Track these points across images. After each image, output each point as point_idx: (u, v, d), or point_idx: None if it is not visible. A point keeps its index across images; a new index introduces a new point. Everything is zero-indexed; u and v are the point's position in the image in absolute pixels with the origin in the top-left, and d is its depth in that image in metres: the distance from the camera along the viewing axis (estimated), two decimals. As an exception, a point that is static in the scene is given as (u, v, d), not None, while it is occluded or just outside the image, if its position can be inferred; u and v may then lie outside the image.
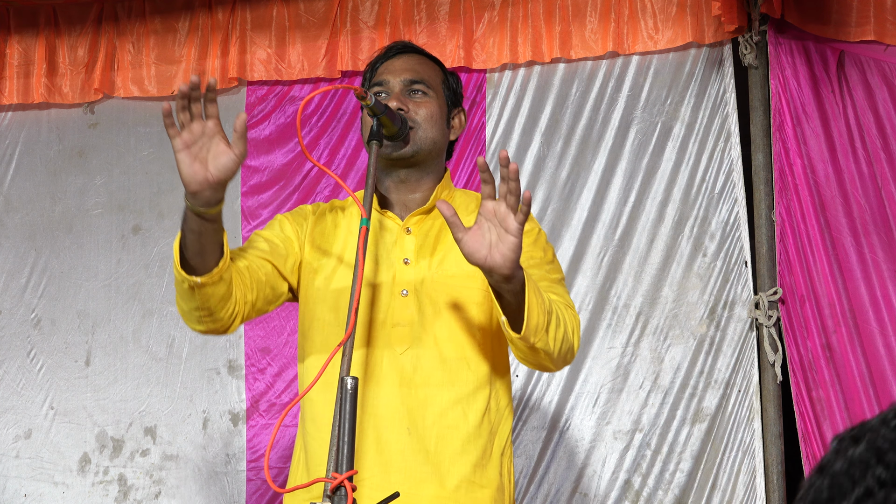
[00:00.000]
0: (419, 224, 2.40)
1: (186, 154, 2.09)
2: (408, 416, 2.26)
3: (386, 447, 2.25)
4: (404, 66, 2.45)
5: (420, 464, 2.25)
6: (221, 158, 2.09)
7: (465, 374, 2.31)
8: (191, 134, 2.09)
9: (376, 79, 2.44)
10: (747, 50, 3.61)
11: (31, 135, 4.16)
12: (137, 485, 3.88)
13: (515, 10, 3.80)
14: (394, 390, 2.27)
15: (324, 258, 2.39)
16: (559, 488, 3.60)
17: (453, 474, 2.27)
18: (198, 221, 2.12)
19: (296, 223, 2.43)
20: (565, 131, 3.77)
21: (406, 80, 2.42)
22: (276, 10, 3.98)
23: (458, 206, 2.44)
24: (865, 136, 3.47)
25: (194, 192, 2.10)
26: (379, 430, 2.26)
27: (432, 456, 2.26)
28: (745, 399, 3.55)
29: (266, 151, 3.96)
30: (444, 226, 2.38)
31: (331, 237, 2.41)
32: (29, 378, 4.00)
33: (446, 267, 2.35)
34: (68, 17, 4.11)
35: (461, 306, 2.30)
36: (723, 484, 3.53)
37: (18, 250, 4.09)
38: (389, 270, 2.34)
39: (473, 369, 2.31)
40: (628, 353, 3.63)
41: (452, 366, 2.30)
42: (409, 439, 2.25)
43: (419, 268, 2.35)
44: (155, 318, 3.95)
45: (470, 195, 2.51)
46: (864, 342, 3.41)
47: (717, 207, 3.65)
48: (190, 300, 2.20)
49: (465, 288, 2.33)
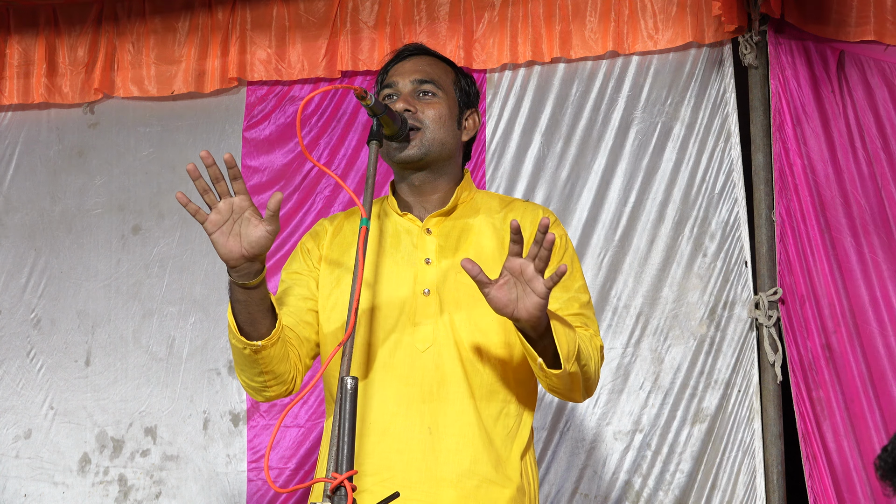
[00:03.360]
0: (439, 225, 2.41)
1: (220, 234, 2.12)
2: (430, 415, 2.27)
3: (408, 446, 2.26)
4: (414, 67, 2.45)
5: (442, 463, 2.26)
6: (254, 234, 2.13)
7: (483, 375, 2.31)
8: (220, 214, 2.12)
9: (387, 81, 2.45)
10: (747, 50, 3.61)
11: (31, 135, 4.16)
12: (137, 485, 3.88)
13: (515, 10, 3.80)
14: (416, 389, 2.28)
15: (338, 270, 2.41)
16: (560, 489, 3.59)
17: (474, 473, 2.27)
18: (243, 293, 2.17)
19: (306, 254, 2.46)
20: (565, 131, 3.77)
21: (415, 81, 2.42)
22: (276, 10, 3.98)
23: (480, 206, 2.46)
24: (865, 136, 3.47)
25: (234, 267, 2.14)
26: (400, 428, 2.27)
27: (453, 455, 2.26)
28: (745, 399, 3.55)
29: (266, 151, 3.96)
30: (465, 227, 2.40)
31: (348, 247, 2.43)
32: (29, 378, 4.00)
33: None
34: (68, 17, 4.11)
35: (482, 308, 2.30)
36: (723, 484, 3.53)
37: (18, 250, 4.09)
38: (411, 270, 2.35)
39: (490, 371, 2.32)
40: (628, 353, 3.63)
41: (472, 367, 2.31)
42: (431, 438, 2.26)
43: (441, 267, 2.35)
44: (155, 318, 3.95)
45: (493, 196, 2.51)
46: (864, 342, 3.41)
47: (717, 207, 3.65)
48: (253, 366, 2.25)
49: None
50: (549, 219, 2.10)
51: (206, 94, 4.03)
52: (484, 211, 2.44)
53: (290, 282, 2.42)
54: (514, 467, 2.32)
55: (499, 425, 2.32)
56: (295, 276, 2.43)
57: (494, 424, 2.31)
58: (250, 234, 2.12)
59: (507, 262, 2.14)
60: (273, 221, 2.13)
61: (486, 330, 2.33)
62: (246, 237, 2.12)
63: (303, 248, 2.47)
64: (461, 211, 2.44)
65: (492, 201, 2.48)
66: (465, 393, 2.29)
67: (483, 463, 2.28)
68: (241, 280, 2.16)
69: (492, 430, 2.31)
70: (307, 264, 2.43)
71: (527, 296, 2.13)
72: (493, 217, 2.42)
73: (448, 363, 2.29)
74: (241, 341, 2.20)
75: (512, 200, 2.51)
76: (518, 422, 2.35)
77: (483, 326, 2.33)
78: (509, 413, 2.34)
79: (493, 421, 2.31)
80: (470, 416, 2.28)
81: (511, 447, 2.33)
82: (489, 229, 2.41)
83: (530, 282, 2.12)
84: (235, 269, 2.15)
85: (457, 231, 2.40)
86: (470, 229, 2.40)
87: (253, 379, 2.29)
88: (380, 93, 2.45)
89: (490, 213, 2.43)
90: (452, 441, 2.27)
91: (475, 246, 2.38)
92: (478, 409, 2.29)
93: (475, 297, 2.29)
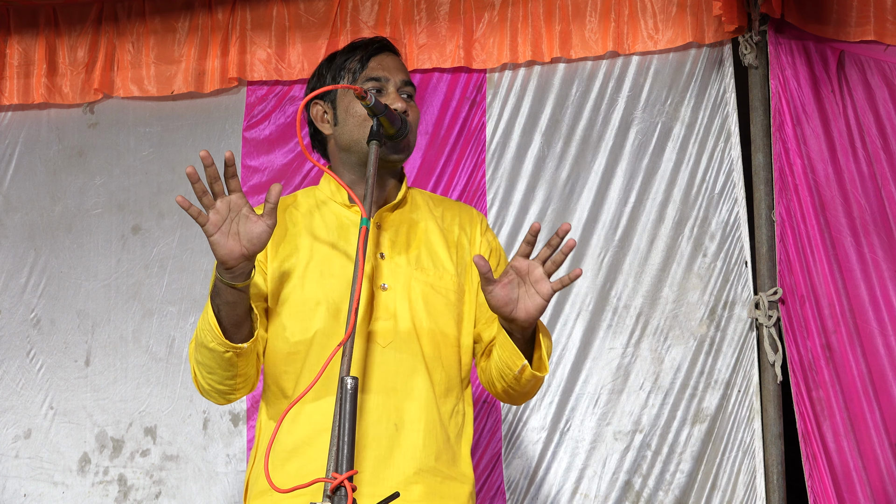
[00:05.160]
0: (387, 219, 2.39)
1: (220, 235, 2.10)
2: (395, 411, 2.27)
3: (375, 442, 2.25)
4: (397, 65, 2.43)
5: (409, 459, 2.26)
6: (254, 231, 2.11)
7: (441, 372, 2.33)
8: (218, 215, 2.10)
9: (370, 73, 2.40)
10: (747, 50, 3.61)
11: (31, 135, 4.16)
12: (137, 485, 3.88)
13: (515, 9, 3.80)
14: (380, 385, 2.27)
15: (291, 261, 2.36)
16: (560, 489, 3.59)
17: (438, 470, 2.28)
18: (233, 294, 2.15)
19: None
20: (565, 131, 3.77)
21: (403, 81, 2.41)
22: (276, 10, 3.98)
23: (419, 202, 2.46)
24: (865, 136, 3.47)
25: (231, 268, 2.12)
26: (367, 424, 2.25)
27: (420, 451, 2.27)
28: (745, 399, 3.55)
29: (266, 151, 3.96)
30: (412, 222, 2.41)
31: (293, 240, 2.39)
32: (29, 378, 4.00)
33: (422, 263, 2.37)
34: (68, 17, 4.11)
35: (439, 305, 2.33)
36: (723, 484, 3.53)
37: (18, 250, 4.09)
38: (367, 264, 2.32)
39: (446, 368, 2.34)
40: (628, 353, 3.63)
41: (432, 363, 2.32)
42: (398, 434, 2.26)
43: (396, 263, 2.35)
44: (155, 318, 3.95)
45: (423, 193, 2.52)
46: (864, 342, 3.41)
47: (717, 207, 3.65)
48: (229, 369, 2.23)
49: (441, 287, 2.36)
50: (569, 224, 2.13)
51: (206, 94, 4.03)
52: (423, 207, 2.45)
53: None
54: (467, 464, 2.35)
55: (452, 422, 2.34)
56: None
57: (449, 421, 2.33)
58: (250, 230, 2.11)
59: (514, 261, 2.16)
60: (272, 215, 2.11)
61: (443, 327, 2.34)
62: (246, 235, 2.11)
63: None
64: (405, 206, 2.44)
65: (424, 197, 2.50)
66: (427, 389, 2.29)
67: (445, 460, 2.30)
68: (235, 281, 2.14)
69: (448, 426, 2.32)
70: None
71: (529, 297, 2.15)
72: (432, 213, 2.44)
73: (410, 359, 2.29)
74: (225, 345, 2.18)
75: (442, 198, 2.54)
76: (464, 420, 2.37)
77: (441, 324, 2.34)
78: (459, 411, 2.36)
79: (448, 418, 2.33)
80: (433, 413, 2.29)
81: (462, 444, 2.35)
82: (433, 224, 2.42)
83: (536, 283, 2.14)
84: (232, 269, 2.12)
85: (405, 226, 2.40)
86: (416, 224, 2.41)
87: (223, 382, 2.27)
88: (355, 80, 2.39)
89: (429, 209, 2.45)
90: (419, 437, 2.27)
91: (425, 241, 2.39)
92: (437, 406, 2.30)
93: (429, 295, 2.32)
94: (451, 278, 2.37)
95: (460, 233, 2.45)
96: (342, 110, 2.39)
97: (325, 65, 2.47)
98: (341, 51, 2.47)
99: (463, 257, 2.43)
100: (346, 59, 2.43)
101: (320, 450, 2.19)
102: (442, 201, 2.52)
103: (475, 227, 2.48)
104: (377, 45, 2.44)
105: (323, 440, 2.19)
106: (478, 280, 2.41)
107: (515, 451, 3.63)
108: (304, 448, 2.24)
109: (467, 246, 2.44)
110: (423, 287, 2.33)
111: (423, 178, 3.80)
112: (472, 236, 2.46)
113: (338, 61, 2.44)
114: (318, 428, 2.23)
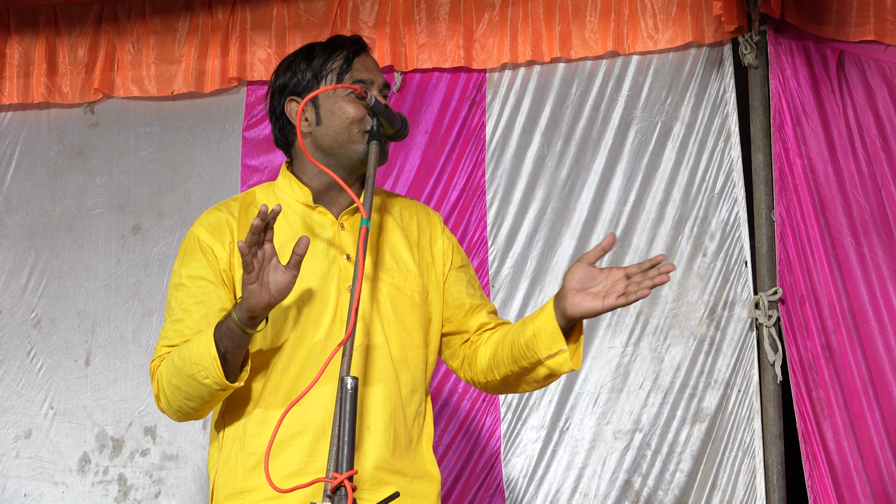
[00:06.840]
0: (350, 221, 2.37)
1: (257, 285, 2.09)
2: (367, 413, 2.26)
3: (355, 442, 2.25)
4: (377, 67, 2.41)
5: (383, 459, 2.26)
6: (283, 281, 2.10)
7: (407, 374, 2.33)
8: (259, 264, 2.09)
9: (357, 75, 2.35)
10: (747, 50, 3.61)
11: (31, 135, 4.16)
12: (137, 485, 3.88)
13: (515, 9, 3.80)
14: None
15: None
16: (559, 488, 3.60)
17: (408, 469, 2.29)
18: (246, 339, 2.14)
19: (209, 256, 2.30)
20: (565, 131, 3.77)
21: (384, 83, 2.39)
22: (276, 10, 3.98)
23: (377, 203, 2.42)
24: (865, 136, 3.47)
25: (255, 316, 2.11)
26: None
27: (392, 451, 2.27)
28: (745, 399, 3.55)
29: (266, 151, 3.96)
30: (376, 223, 2.39)
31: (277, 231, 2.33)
32: (29, 378, 4.00)
33: (387, 265, 2.36)
34: (68, 17, 4.11)
35: (406, 307, 2.33)
36: (723, 484, 3.53)
37: (18, 250, 4.08)
38: (333, 265, 2.31)
39: (412, 370, 2.34)
40: (628, 352, 3.63)
41: (400, 365, 2.31)
42: (371, 436, 2.25)
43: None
44: (155, 318, 3.95)
45: (391, 195, 2.51)
46: (864, 342, 3.41)
47: (717, 207, 3.65)
48: (211, 400, 2.21)
49: (407, 289, 2.36)
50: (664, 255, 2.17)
51: (206, 94, 4.03)
52: (382, 208, 2.43)
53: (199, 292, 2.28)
54: (432, 463, 2.36)
55: (416, 423, 2.34)
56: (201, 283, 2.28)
57: (413, 423, 2.33)
58: (279, 281, 2.10)
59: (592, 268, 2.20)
60: (298, 266, 2.11)
61: (410, 329, 2.34)
62: (275, 284, 2.10)
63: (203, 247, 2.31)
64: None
65: (382, 196, 2.47)
66: (395, 390, 2.29)
67: (416, 459, 2.31)
68: (254, 327, 2.13)
69: (412, 427, 2.33)
70: (211, 267, 2.29)
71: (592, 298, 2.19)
72: (391, 213, 2.43)
73: (379, 361, 2.28)
74: (223, 384, 2.16)
75: (397, 196, 2.51)
76: (425, 420, 2.38)
77: (408, 325, 2.34)
78: (421, 412, 2.37)
79: (413, 419, 2.33)
80: (399, 415, 2.29)
81: (423, 444, 2.36)
82: (394, 225, 2.42)
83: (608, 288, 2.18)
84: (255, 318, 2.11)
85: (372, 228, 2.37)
86: (379, 226, 2.39)
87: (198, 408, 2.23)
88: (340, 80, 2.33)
89: (388, 209, 2.43)
90: (391, 437, 2.26)
91: (388, 243, 2.38)
92: (403, 408, 2.30)
93: (396, 296, 2.32)
94: (416, 279, 2.37)
95: (419, 233, 2.44)
96: (326, 111, 2.33)
97: (301, 60, 2.38)
98: (319, 48, 2.39)
99: (424, 257, 2.42)
100: (327, 58, 2.36)
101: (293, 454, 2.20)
102: (398, 199, 2.49)
103: (434, 227, 2.47)
104: (358, 46, 2.39)
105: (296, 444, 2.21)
106: (443, 277, 2.43)
107: (514, 449, 3.63)
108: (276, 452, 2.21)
109: (428, 246, 2.44)
110: (389, 289, 2.33)
111: (423, 178, 3.80)
112: (433, 236, 2.45)
113: (318, 59, 2.36)
114: (290, 432, 2.22)
